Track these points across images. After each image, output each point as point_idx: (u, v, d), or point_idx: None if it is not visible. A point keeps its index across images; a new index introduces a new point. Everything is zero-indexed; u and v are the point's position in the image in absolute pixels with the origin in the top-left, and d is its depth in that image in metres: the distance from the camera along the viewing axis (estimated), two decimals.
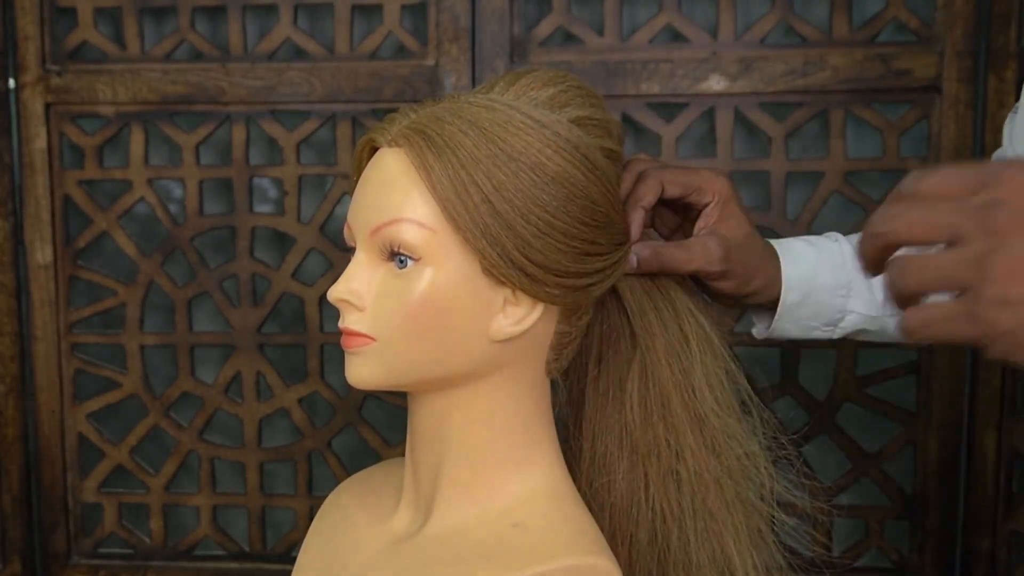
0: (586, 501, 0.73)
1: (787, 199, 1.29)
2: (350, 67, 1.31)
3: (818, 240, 0.88)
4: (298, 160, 1.35)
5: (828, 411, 1.30)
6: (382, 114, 1.28)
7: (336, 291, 0.68)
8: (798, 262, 0.85)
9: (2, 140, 1.35)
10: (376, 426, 1.38)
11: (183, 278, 1.38)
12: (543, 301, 0.68)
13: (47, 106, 1.35)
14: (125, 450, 1.41)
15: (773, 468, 0.76)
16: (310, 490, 1.39)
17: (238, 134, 1.35)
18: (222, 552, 1.41)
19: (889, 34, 1.28)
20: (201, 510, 1.41)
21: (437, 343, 0.67)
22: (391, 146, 0.69)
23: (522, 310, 0.68)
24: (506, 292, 0.68)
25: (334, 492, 0.85)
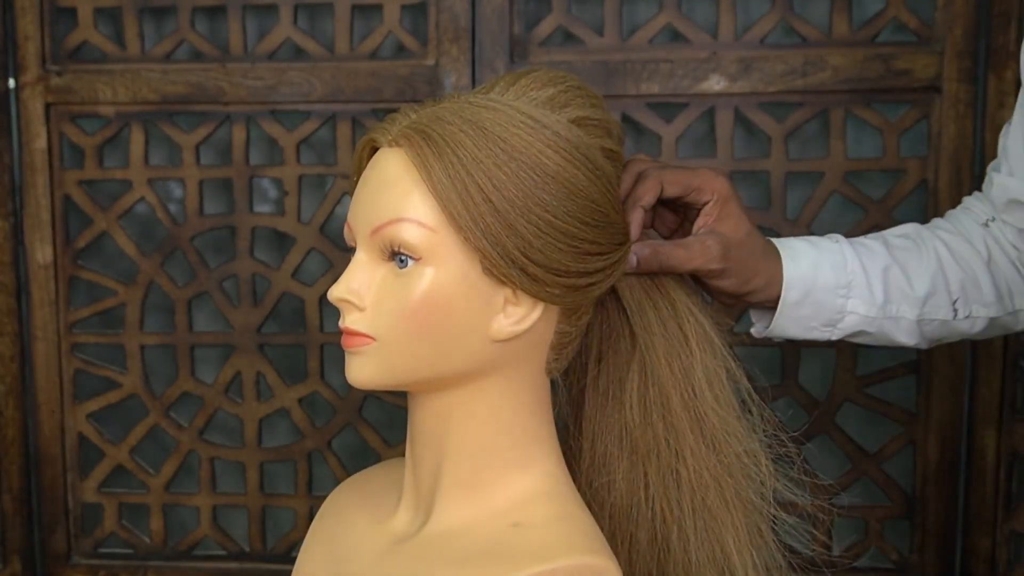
0: (586, 501, 0.73)
1: (787, 199, 1.29)
2: (350, 67, 1.31)
3: (818, 240, 0.88)
4: (298, 160, 1.35)
5: (828, 411, 1.30)
6: (382, 114, 1.29)
7: (336, 291, 0.68)
8: (799, 261, 0.85)
9: (2, 140, 1.35)
10: (376, 426, 1.38)
11: (183, 278, 1.38)
12: (543, 301, 0.68)
13: (47, 106, 1.35)
14: (125, 450, 1.41)
15: (773, 467, 0.76)
16: (310, 490, 1.39)
17: (238, 134, 1.35)
18: (222, 552, 1.41)
19: (889, 34, 1.28)
20: (201, 510, 1.41)
21: (437, 343, 0.67)
22: (391, 146, 0.69)
23: (522, 310, 0.68)
24: (506, 292, 0.68)
25: (334, 492, 0.85)
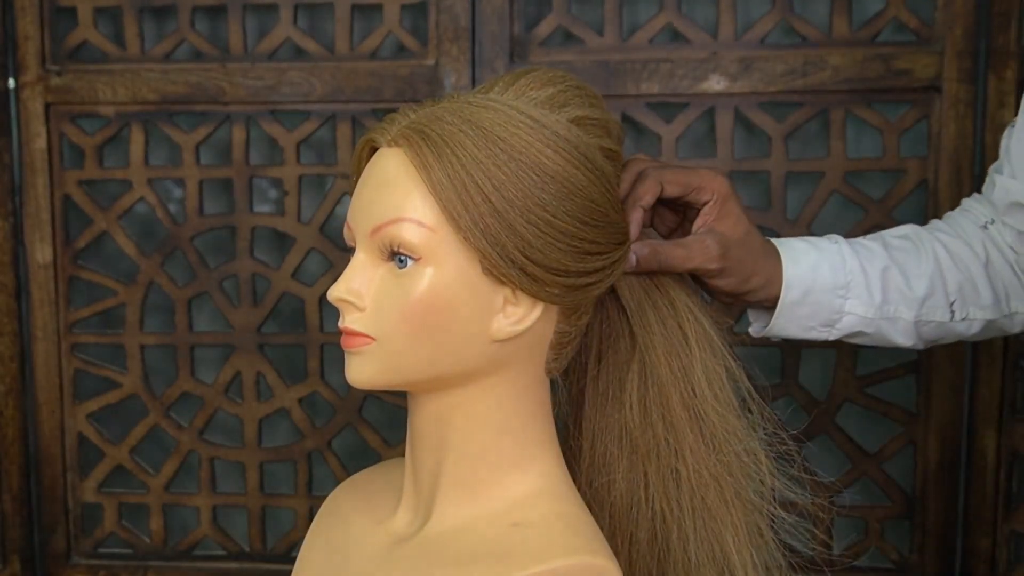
0: (586, 501, 0.73)
1: (787, 199, 1.29)
2: (350, 67, 1.31)
3: (818, 241, 0.88)
4: (298, 160, 1.35)
5: (828, 411, 1.30)
6: (382, 114, 1.28)
7: (336, 291, 0.68)
8: (798, 261, 0.85)
9: (2, 140, 1.35)
10: (376, 426, 1.38)
11: (183, 278, 1.38)
12: (543, 301, 0.68)
13: (47, 106, 1.35)
14: (125, 450, 1.41)
15: (773, 466, 0.76)
16: (310, 490, 1.39)
17: (238, 134, 1.35)
18: (222, 552, 1.41)
19: (889, 34, 1.28)
20: (201, 510, 1.41)
21: (437, 343, 0.67)
22: (391, 146, 0.69)
23: (522, 310, 0.68)
24: (506, 292, 0.68)
25: (334, 493, 0.85)
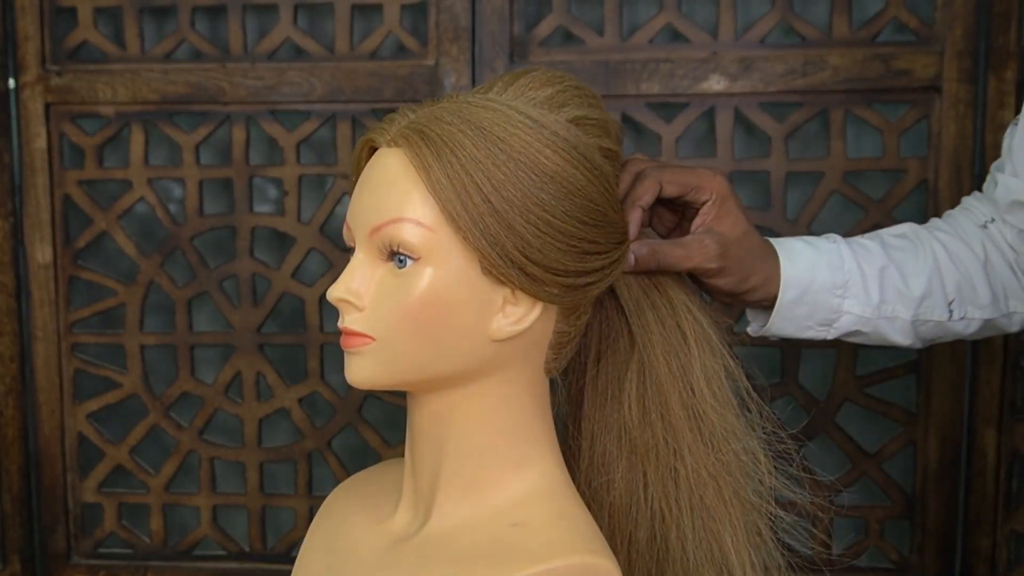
0: (585, 500, 0.74)
1: (787, 199, 1.29)
2: (350, 67, 1.31)
3: (816, 240, 0.88)
4: (298, 160, 1.35)
5: (828, 410, 1.30)
6: (382, 114, 1.29)
7: (335, 291, 0.68)
8: (797, 260, 0.85)
9: (2, 140, 1.35)
10: (376, 426, 1.38)
11: (183, 278, 1.38)
12: (542, 300, 0.68)
13: (47, 106, 1.35)
14: (125, 450, 1.41)
15: (772, 465, 0.76)
16: (310, 490, 1.39)
17: (238, 134, 1.35)
18: (222, 552, 1.41)
19: (889, 34, 1.28)
20: (201, 510, 1.41)
21: (436, 342, 0.67)
22: (390, 146, 0.69)
23: (521, 309, 0.68)
24: (505, 292, 0.68)
25: (333, 493, 0.85)
